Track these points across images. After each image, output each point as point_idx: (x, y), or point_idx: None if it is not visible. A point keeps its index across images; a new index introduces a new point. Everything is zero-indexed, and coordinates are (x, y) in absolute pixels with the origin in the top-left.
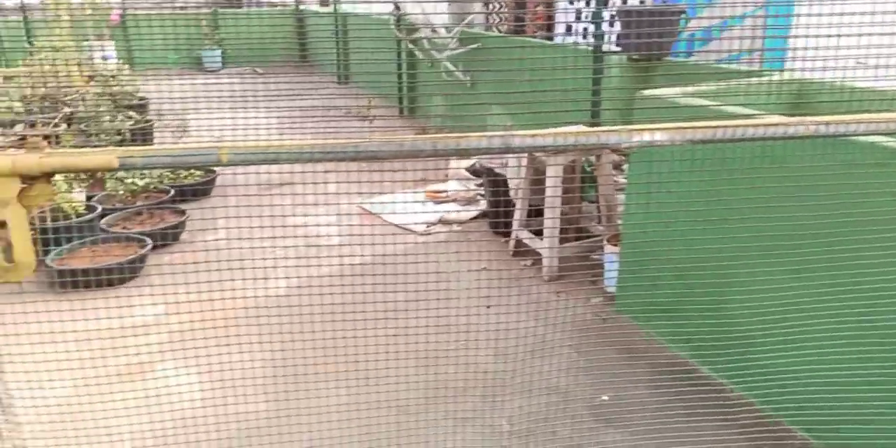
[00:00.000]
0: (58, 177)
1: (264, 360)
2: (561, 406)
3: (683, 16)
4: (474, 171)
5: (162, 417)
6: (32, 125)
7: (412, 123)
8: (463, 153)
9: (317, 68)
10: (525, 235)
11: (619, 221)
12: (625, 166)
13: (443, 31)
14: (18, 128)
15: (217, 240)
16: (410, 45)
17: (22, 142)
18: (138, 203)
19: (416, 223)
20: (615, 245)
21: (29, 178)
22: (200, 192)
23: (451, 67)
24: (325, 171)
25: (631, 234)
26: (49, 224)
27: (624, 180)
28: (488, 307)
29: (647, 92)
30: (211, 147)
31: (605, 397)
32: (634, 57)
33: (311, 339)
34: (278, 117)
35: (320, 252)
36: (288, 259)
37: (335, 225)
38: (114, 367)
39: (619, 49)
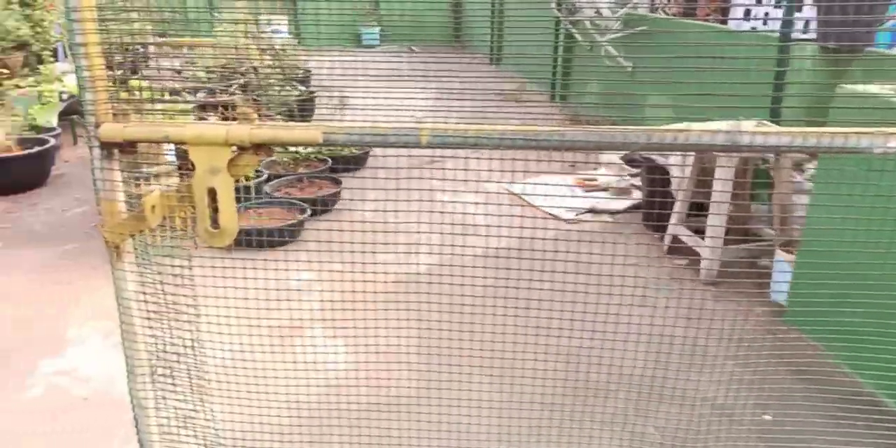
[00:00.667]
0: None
1: (408, 337)
2: (716, 420)
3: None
4: (630, 161)
5: (310, 381)
6: (212, 93)
7: (563, 111)
8: (681, 149)
9: (470, 48)
10: (683, 232)
11: (797, 226)
12: (808, 166)
13: (607, 13)
14: (200, 95)
15: (365, 211)
16: (570, 27)
17: (229, 113)
18: (300, 171)
19: (564, 210)
20: (789, 252)
21: (239, 149)
22: (354, 164)
23: (613, 52)
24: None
25: (813, 242)
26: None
27: (802, 180)
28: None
29: (848, 87)
30: (411, 127)
31: (768, 416)
32: (830, 47)
33: (450, 321)
34: (432, 97)
35: (465, 232)
36: (432, 235)
37: (481, 204)
38: (274, 327)
39: (809, 37)
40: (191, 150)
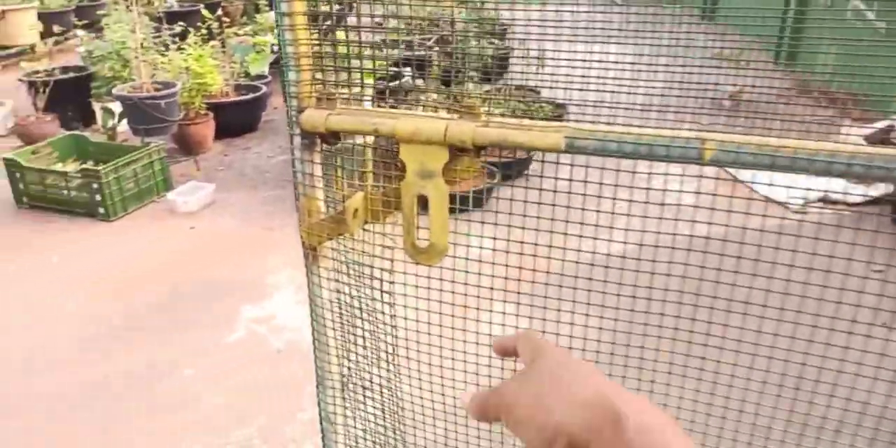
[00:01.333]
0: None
1: (586, 326)
2: None
3: None
4: (879, 142)
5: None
6: (410, 46)
7: (790, 75)
8: None
9: (679, 1)
10: None
11: None
12: None
13: None
14: (395, 52)
15: (558, 179)
16: None
17: (454, 105)
18: None
19: (791, 197)
20: None
21: (457, 150)
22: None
23: (861, 5)
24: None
25: None
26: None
27: None
28: (886, 325)
29: None
30: (690, 138)
31: None
32: None
33: (629, 313)
34: (634, 53)
35: (667, 214)
36: (630, 213)
37: (689, 181)
38: (459, 295)
39: None
40: (402, 148)
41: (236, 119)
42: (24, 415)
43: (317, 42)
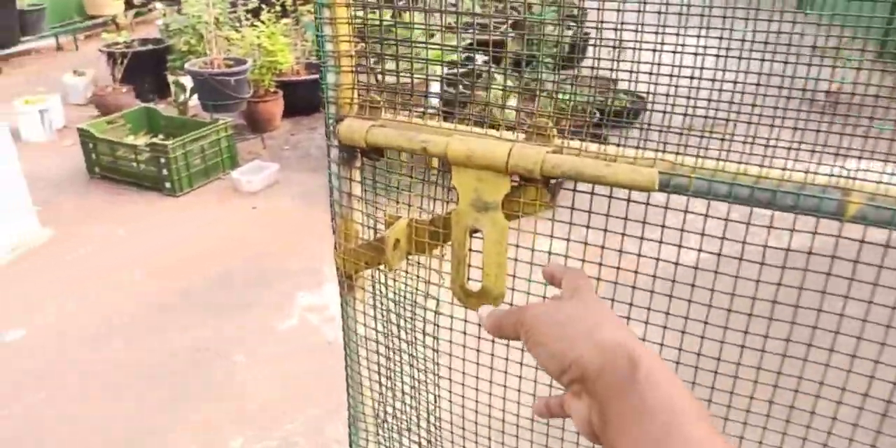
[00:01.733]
0: None
1: (661, 345)
2: None
3: None
4: None
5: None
6: (484, 28)
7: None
8: None
9: None
10: None
11: None
12: None
13: None
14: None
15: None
16: None
17: (522, 123)
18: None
19: None
20: None
21: (522, 179)
22: (628, 118)
23: None
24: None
25: None
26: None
27: None
28: None
29: None
30: (828, 186)
31: None
32: None
33: (722, 327)
34: (718, 47)
35: (753, 220)
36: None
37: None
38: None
39: None
40: (454, 172)
41: (305, 98)
42: (65, 387)
43: (360, 40)
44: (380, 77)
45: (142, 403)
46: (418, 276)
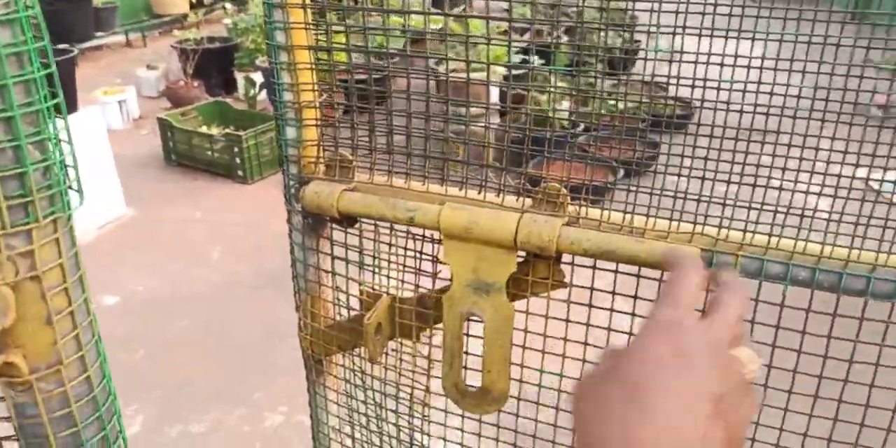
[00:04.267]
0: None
1: None
2: None
3: None
4: None
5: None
6: (539, 34)
7: None
8: None
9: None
10: None
11: None
12: None
13: None
14: (526, 36)
15: (680, 179)
16: None
17: (530, 189)
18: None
19: None
20: None
21: (530, 255)
22: (676, 125)
23: None
24: (821, 124)
25: None
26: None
27: None
28: None
29: None
30: None
31: None
32: None
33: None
34: (764, 56)
35: (800, 224)
36: (765, 225)
37: (824, 193)
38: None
39: None
40: (447, 246)
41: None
42: (156, 348)
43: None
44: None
45: (226, 367)
46: (398, 368)
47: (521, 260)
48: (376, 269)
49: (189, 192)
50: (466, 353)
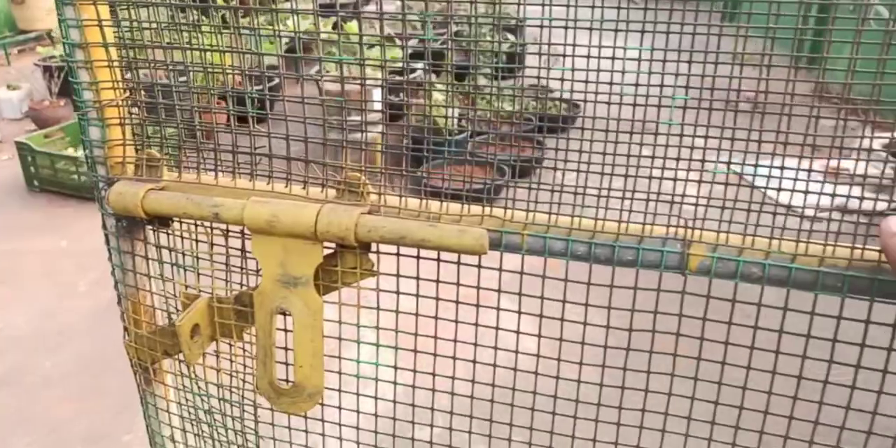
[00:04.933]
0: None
1: (598, 326)
2: None
3: None
4: None
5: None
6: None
7: (809, 78)
8: None
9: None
10: None
11: None
12: None
13: None
14: (412, 42)
15: (565, 176)
16: None
17: (331, 178)
18: (503, 128)
19: (803, 205)
20: None
21: (338, 245)
22: (561, 126)
23: (884, 12)
24: (693, 119)
25: None
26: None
27: None
28: None
29: None
30: (668, 238)
31: None
32: None
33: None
34: (647, 57)
35: (672, 212)
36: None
37: (698, 181)
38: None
39: None
40: (254, 242)
41: None
42: (24, 390)
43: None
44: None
45: (97, 404)
46: (222, 370)
47: (331, 251)
48: (194, 270)
49: (54, 220)
50: (285, 348)
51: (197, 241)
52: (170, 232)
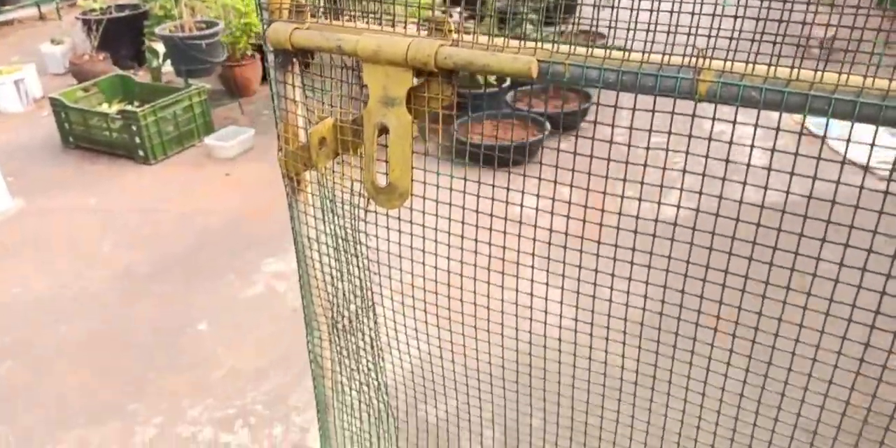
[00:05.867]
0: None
1: (635, 294)
2: None
3: None
4: None
5: (517, 326)
6: None
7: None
8: None
9: None
10: None
11: None
12: None
13: None
14: None
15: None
16: None
17: (428, 21)
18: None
19: (879, 162)
20: None
21: (425, 74)
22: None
23: None
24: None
25: None
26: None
27: None
28: None
29: None
30: (682, 66)
31: None
32: None
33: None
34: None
35: (735, 175)
36: (693, 175)
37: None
38: (483, 256)
39: None
40: (365, 69)
41: None
42: (29, 358)
43: None
44: None
45: (105, 375)
46: (343, 174)
47: (422, 81)
48: (324, 97)
49: (85, 177)
50: (385, 161)
51: (331, 78)
52: (310, 70)
